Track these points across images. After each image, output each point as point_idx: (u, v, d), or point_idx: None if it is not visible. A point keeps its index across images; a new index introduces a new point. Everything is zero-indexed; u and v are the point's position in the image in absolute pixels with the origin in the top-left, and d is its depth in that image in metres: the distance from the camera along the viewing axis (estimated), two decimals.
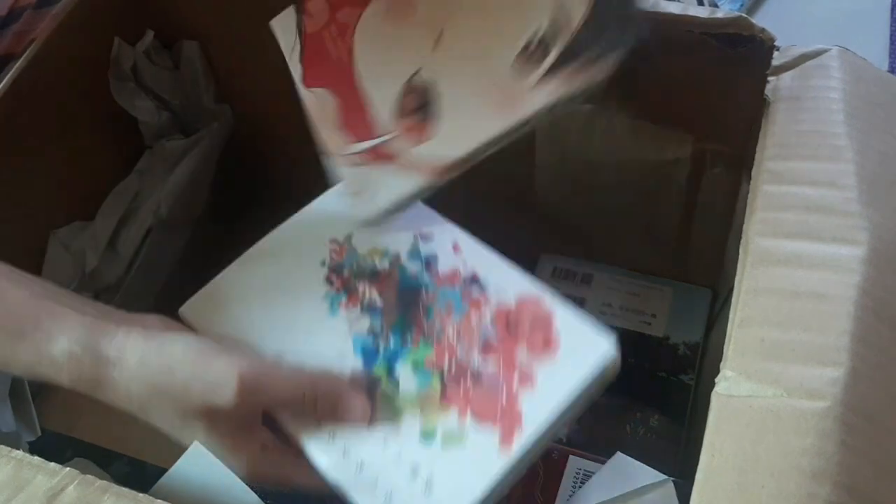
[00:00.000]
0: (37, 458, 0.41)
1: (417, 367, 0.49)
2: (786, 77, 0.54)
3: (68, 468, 0.40)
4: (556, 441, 0.59)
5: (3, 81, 0.60)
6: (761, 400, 0.39)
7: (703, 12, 0.55)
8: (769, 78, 0.54)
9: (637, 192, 0.68)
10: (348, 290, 0.53)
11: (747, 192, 0.49)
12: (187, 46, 0.72)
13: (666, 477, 0.46)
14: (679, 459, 0.62)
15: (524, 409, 0.46)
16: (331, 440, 0.47)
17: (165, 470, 0.47)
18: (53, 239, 0.66)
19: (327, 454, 0.47)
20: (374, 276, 0.53)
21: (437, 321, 0.50)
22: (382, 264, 0.53)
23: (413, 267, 0.53)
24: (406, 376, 0.49)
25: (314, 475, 0.48)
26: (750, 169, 0.50)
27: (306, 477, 0.48)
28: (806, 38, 0.56)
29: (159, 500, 0.38)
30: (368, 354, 0.50)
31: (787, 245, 0.45)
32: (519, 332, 0.49)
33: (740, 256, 0.45)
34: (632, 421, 0.64)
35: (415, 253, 0.53)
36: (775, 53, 0.54)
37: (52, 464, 0.41)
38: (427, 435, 0.47)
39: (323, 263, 0.54)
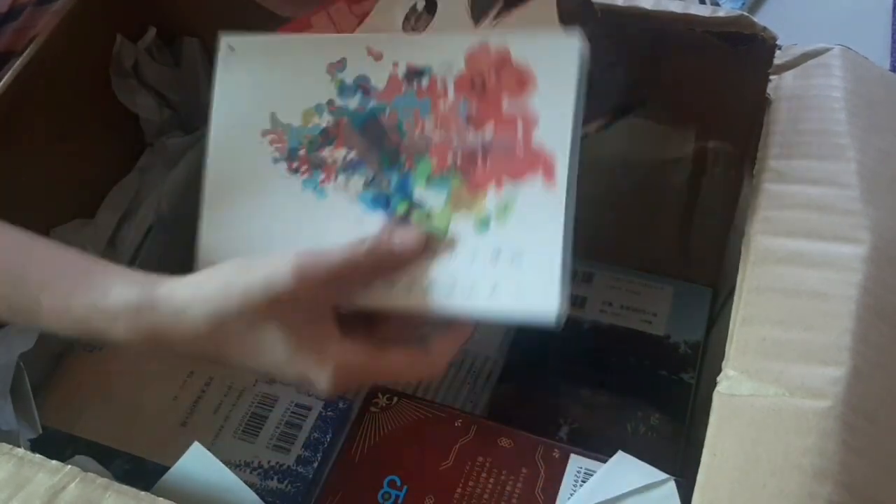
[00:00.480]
0: (38, 456, 0.41)
1: (430, 181, 0.48)
2: (787, 76, 0.54)
3: (69, 466, 0.40)
4: (556, 440, 0.59)
5: (4, 79, 0.60)
6: (763, 399, 0.39)
7: (704, 11, 0.55)
8: (771, 77, 0.54)
9: (639, 190, 0.68)
10: (316, 166, 0.50)
11: (749, 191, 0.49)
12: (189, 44, 0.72)
13: (668, 476, 0.46)
14: (679, 458, 0.62)
15: (544, 141, 0.45)
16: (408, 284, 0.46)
17: (166, 468, 0.47)
18: (54, 236, 0.66)
19: (421, 294, 0.46)
20: (326, 137, 0.50)
21: (413, 132, 0.48)
22: (325, 119, 0.50)
23: (352, 102, 0.50)
24: (428, 195, 0.47)
25: (401, 368, 0.47)
26: (752, 167, 0.50)
27: (393, 371, 0.47)
28: (807, 36, 0.56)
29: (161, 499, 0.38)
30: (381, 204, 0.48)
31: (789, 244, 0.45)
32: (488, 87, 0.47)
33: (742, 255, 0.45)
34: (632, 419, 0.64)
35: (343, 87, 0.50)
36: (777, 52, 0.54)
37: (54, 462, 0.41)
38: (482, 223, 0.46)
39: (275, 160, 0.51)
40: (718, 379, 0.41)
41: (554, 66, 0.46)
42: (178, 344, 0.45)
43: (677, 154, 0.64)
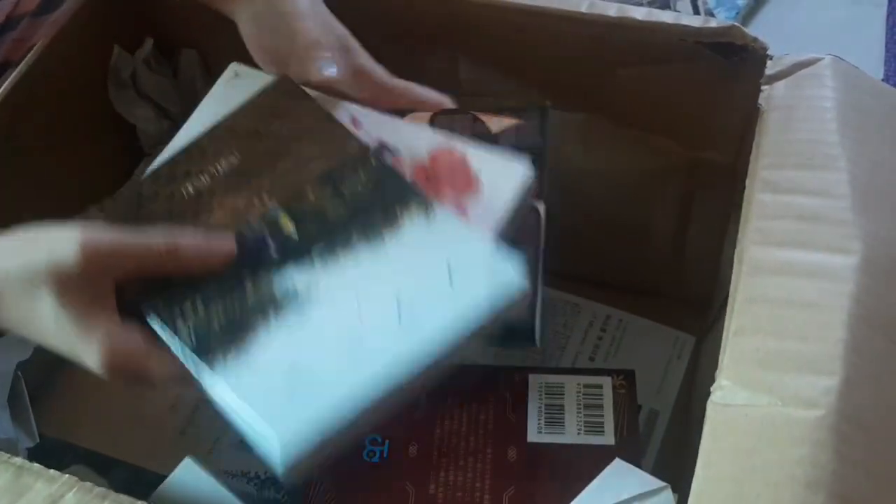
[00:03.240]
0: (36, 465, 0.41)
1: None
2: (779, 86, 0.54)
3: (67, 475, 0.40)
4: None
5: (1, 89, 0.60)
6: (756, 409, 0.39)
7: (696, 21, 0.55)
8: (763, 87, 0.54)
9: (630, 200, 0.69)
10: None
11: (741, 201, 0.49)
12: (186, 54, 0.72)
13: (664, 483, 0.46)
14: None
15: None
16: None
17: (165, 477, 0.48)
18: None
19: None
20: None
21: None
22: None
23: None
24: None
25: (175, 365, 0.45)
26: (744, 178, 0.50)
27: (166, 367, 0.45)
28: (799, 47, 0.56)
29: None
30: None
31: (782, 254, 0.45)
32: (440, 181, 0.51)
33: (735, 265, 0.46)
34: None
35: None
36: (769, 62, 0.55)
37: (52, 470, 0.41)
38: None
39: None
40: (712, 389, 0.41)
41: (499, 183, 0.51)
42: None
43: (669, 164, 0.65)
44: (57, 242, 0.43)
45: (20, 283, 0.43)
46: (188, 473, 0.48)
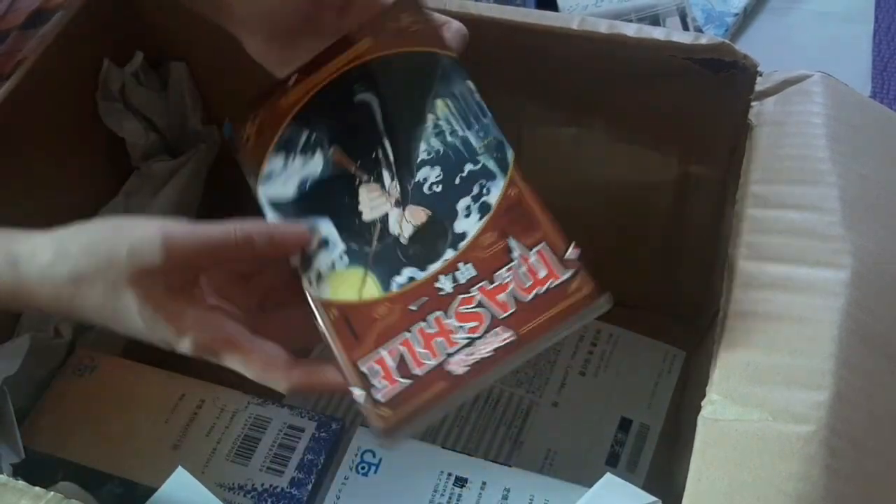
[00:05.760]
0: (21, 483, 0.41)
1: None
2: (769, 102, 0.54)
3: (52, 493, 0.40)
4: None
5: None
6: (747, 424, 0.39)
7: (686, 38, 0.55)
8: (752, 103, 0.54)
9: (621, 214, 0.69)
10: None
11: (731, 216, 0.49)
12: (175, 68, 0.72)
13: (655, 498, 0.46)
14: None
15: None
16: None
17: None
18: None
19: None
20: None
21: None
22: None
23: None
24: None
25: (267, 349, 0.45)
26: (734, 193, 0.50)
27: (262, 352, 0.45)
28: (789, 63, 0.56)
29: None
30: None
31: (772, 269, 0.45)
32: None
33: (725, 280, 0.46)
34: None
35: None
36: (758, 78, 0.55)
37: (37, 488, 0.40)
38: None
39: None
40: (703, 403, 0.41)
41: None
42: (41, 302, 0.44)
43: (660, 178, 0.65)
44: (139, 243, 0.43)
45: (102, 283, 0.43)
46: (180, 484, 0.48)
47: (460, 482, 0.56)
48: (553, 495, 0.54)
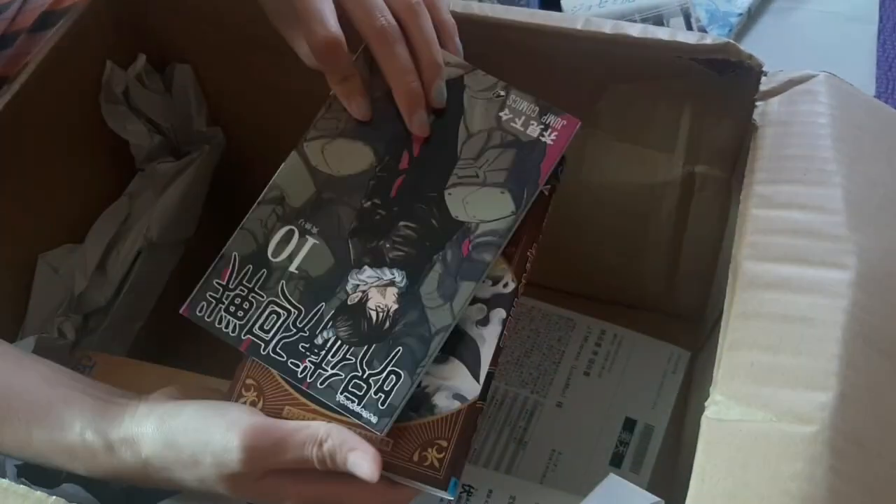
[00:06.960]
0: (22, 487, 0.41)
1: None
2: (773, 102, 0.54)
3: (54, 497, 0.40)
4: None
5: None
6: (751, 424, 0.39)
7: (691, 38, 0.55)
8: (757, 103, 0.54)
9: (625, 214, 0.69)
10: None
11: (736, 216, 0.49)
12: (179, 70, 0.72)
13: (658, 499, 0.46)
14: None
15: None
16: None
17: (164, 491, 0.47)
18: (42, 262, 0.66)
19: None
20: None
21: None
22: None
23: None
24: None
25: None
26: (738, 193, 0.50)
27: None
28: (793, 63, 0.56)
29: None
30: None
31: (776, 269, 0.45)
32: None
33: (729, 280, 0.46)
34: None
35: None
36: (763, 79, 0.55)
37: (38, 492, 0.40)
38: None
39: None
40: (707, 404, 0.41)
41: None
42: (135, 483, 0.48)
43: (664, 178, 0.65)
44: (223, 455, 0.45)
45: (193, 478, 0.46)
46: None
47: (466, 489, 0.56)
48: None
